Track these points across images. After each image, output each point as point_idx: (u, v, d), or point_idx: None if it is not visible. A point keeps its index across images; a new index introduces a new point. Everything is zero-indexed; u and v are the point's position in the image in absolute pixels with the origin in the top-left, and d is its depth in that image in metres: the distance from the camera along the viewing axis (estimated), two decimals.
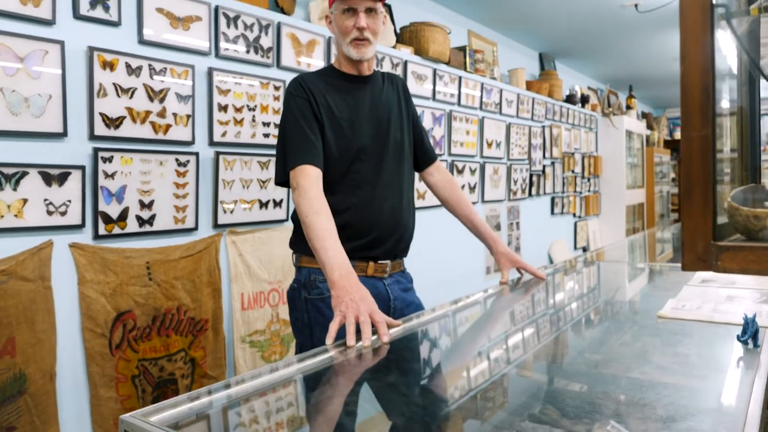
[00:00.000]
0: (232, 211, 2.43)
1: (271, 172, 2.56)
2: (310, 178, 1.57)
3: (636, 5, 4.31)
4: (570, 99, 5.87)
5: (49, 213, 1.88)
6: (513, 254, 1.96)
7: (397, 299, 1.74)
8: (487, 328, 1.65)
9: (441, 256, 3.68)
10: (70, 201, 1.92)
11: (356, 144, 1.67)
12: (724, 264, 0.50)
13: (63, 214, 1.91)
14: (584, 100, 6.22)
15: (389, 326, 1.34)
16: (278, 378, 1.08)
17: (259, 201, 2.54)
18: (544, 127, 5.22)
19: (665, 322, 1.45)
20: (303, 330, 1.69)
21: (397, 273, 1.78)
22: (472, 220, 1.96)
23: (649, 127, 8.29)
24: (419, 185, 3.07)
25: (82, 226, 1.96)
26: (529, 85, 5.07)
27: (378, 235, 1.69)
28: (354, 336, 1.27)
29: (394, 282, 1.76)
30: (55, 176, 1.88)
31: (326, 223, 1.51)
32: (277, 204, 2.62)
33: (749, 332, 1.18)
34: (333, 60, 2.85)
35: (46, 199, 1.86)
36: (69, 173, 1.91)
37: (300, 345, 1.71)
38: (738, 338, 1.19)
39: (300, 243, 1.68)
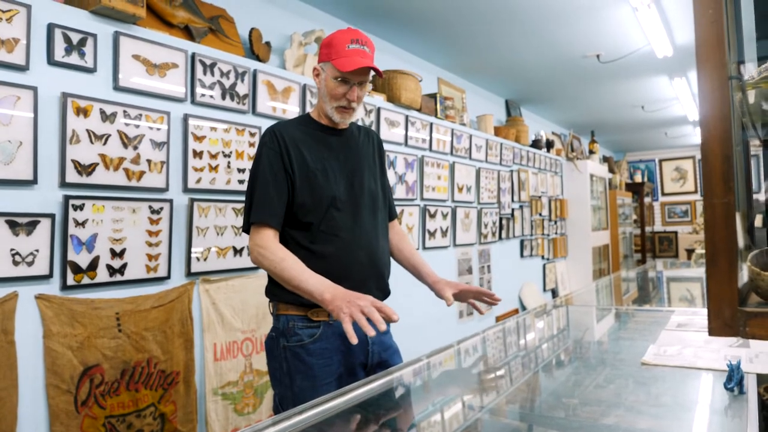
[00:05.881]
0: (205, 259, 2.38)
1: None
2: (267, 238, 1.62)
3: (598, 56, 4.50)
4: (536, 144, 6.02)
5: (15, 263, 1.80)
6: (451, 281, 1.93)
7: (375, 343, 1.74)
8: (488, 377, 1.63)
9: (413, 301, 3.65)
10: (37, 250, 1.85)
11: (330, 193, 1.69)
12: (753, 330, 0.50)
13: (30, 264, 1.83)
14: (549, 145, 6.39)
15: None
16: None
17: (233, 248, 2.49)
18: (512, 171, 5.33)
19: (649, 369, 1.46)
20: (282, 380, 1.65)
21: None
22: (412, 261, 1.95)
23: (611, 170, 8.56)
24: None
25: (49, 276, 1.88)
26: (497, 131, 5.19)
27: (355, 281, 1.69)
28: (369, 327, 1.36)
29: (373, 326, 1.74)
30: (22, 225, 1.82)
31: (293, 263, 1.58)
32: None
33: (735, 379, 1.20)
34: (310, 108, 2.89)
35: (12, 249, 1.79)
36: (38, 221, 1.85)
37: (279, 396, 1.66)
38: (725, 386, 1.20)
39: (276, 291, 1.69)
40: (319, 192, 1.67)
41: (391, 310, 1.39)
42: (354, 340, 1.34)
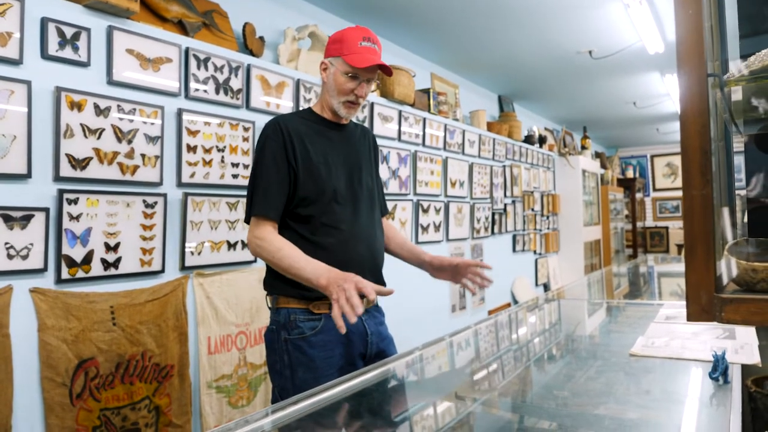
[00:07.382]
0: (200, 253, 2.39)
1: (239, 213, 2.54)
2: (265, 230, 1.66)
3: (590, 52, 4.53)
4: (528, 139, 6.05)
5: (10, 257, 1.81)
6: (444, 258, 1.93)
7: (374, 334, 1.78)
8: (480, 370, 1.65)
9: (406, 295, 3.68)
10: (32, 244, 1.85)
11: (331, 186, 1.72)
12: (728, 316, 0.52)
13: (24, 257, 1.84)
14: (542, 140, 6.42)
15: (380, 292, 1.46)
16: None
17: (227, 242, 2.51)
18: (504, 166, 5.35)
19: (637, 360, 1.49)
20: (283, 372, 1.68)
21: (372, 308, 1.83)
22: (406, 246, 2.01)
23: (603, 166, 8.60)
24: None
25: (44, 270, 1.89)
26: (490, 126, 5.21)
27: (355, 273, 1.71)
28: (351, 313, 1.37)
29: (371, 317, 1.80)
30: (17, 219, 1.82)
31: (291, 251, 1.61)
32: (246, 245, 2.58)
33: (720, 369, 1.23)
34: (304, 102, 2.91)
35: (6, 243, 1.79)
36: (32, 215, 1.85)
37: (280, 388, 1.69)
38: (710, 375, 1.23)
39: (276, 284, 1.72)
40: (322, 185, 1.70)
41: (370, 290, 1.42)
42: (342, 330, 1.37)
